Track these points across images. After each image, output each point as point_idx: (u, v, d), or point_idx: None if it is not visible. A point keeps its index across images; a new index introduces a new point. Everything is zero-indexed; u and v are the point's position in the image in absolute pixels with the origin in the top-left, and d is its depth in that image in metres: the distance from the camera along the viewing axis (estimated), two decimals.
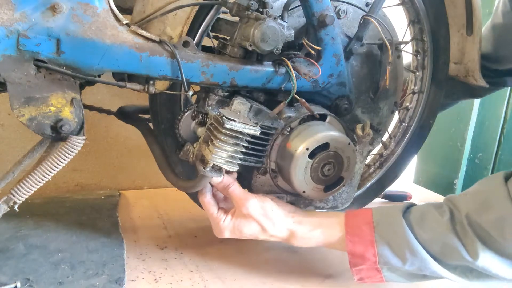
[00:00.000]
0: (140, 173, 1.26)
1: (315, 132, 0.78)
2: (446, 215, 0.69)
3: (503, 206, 0.64)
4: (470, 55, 0.98)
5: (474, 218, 0.66)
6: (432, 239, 0.69)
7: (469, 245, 0.66)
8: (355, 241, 0.73)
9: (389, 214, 0.74)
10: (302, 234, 0.77)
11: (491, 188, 0.68)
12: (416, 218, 0.71)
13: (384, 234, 0.71)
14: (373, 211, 0.75)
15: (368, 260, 0.72)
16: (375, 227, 0.72)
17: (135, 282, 0.77)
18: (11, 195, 0.68)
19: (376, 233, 0.72)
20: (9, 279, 0.72)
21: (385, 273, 0.73)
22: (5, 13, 0.59)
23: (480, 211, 0.66)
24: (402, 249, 0.70)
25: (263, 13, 0.69)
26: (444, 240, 0.68)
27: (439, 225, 0.69)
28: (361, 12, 0.85)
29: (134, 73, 0.68)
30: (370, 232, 0.72)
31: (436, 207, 0.72)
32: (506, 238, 0.63)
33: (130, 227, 0.99)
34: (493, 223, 0.64)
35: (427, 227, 0.70)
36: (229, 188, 0.77)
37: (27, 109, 0.65)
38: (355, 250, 0.73)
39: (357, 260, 0.73)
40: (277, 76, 0.75)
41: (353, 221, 0.75)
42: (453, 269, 0.70)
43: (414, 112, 1.02)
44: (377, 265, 0.72)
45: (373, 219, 0.73)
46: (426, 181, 1.71)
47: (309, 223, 0.78)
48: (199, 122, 0.77)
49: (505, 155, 1.55)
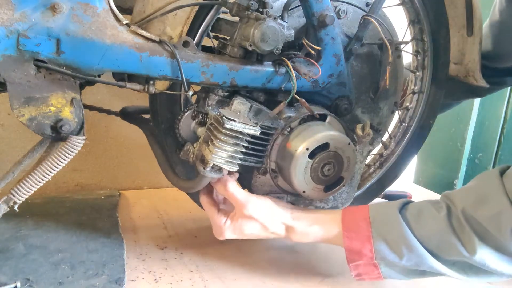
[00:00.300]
0: (140, 173, 1.26)
1: (315, 132, 0.78)
2: (443, 210, 0.69)
3: (499, 200, 0.64)
4: (470, 55, 0.98)
5: (470, 213, 0.66)
6: (429, 235, 0.69)
7: (466, 241, 0.66)
8: (352, 236, 0.73)
9: (385, 210, 0.74)
10: (300, 229, 0.77)
11: (486, 183, 0.68)
12: (413, 214, 0.72)
13: (381, 229, 0.72)
14: (370, 207, 0.75)
15: (365, 255, 0.72)
16: (372, 222, 0.72)
17: (135, 282, 0.77)
18: (11, 195, 0.68)
19: (372, 229, 0.72)
20: (9, 279, 0.72)
21: (383, 269, 0.73)
22: (5, 13, 0.59)
23: (476, 206, 0.66)
24: (398, 244, 0.70)
25: (263, 13, 0.69)
26: (441, 236, 0.68)
27: (436, 221, 0.69)
28: (361, 12, 0.85)
29: (134, 73, 0.68)
30: (367, 227, 0.72)
31: (433, 203, 0.72)
32: (502, 233, 0.63)
33: (130, 227, 0.99)
34: (489, 218, 0.64)
35: (424, 222, 0.70)
36: (228, 190, 0.77)
37: (27, 109, 0.64)
38: (352, 245, 0.73)
39: (354, 256, 0.73)
40: (277, 76, 0.75)
41: (350, 217, 0.75)
42: (451, 264, 0.70)
43: (414, 112, 1.02)
44: (374, 261, 0.72)
45: (369, 215, 0.73)
46: (426, 181, 1.71)
47: (307, 218, 0.78)
48: (199, 122, 0.77)
49: (505, 155, 1.55)
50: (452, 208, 0.69)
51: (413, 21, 0.95)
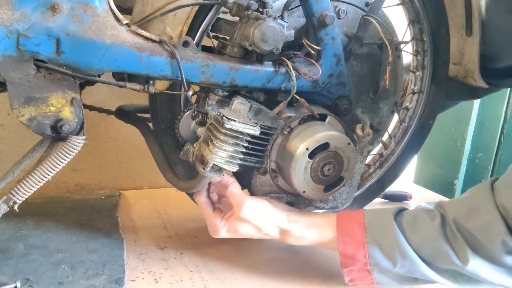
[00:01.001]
0: (140, 173, 1.26)
1: (315, 132, 0.78)
2: (437, 219, 0.69)
3: (488, 212, 0.65)
4: (470, 56, 0.98)
5: (462, 223, 0.67)
6: (423, 243, 0.69)
7: (459, 250, 0.67)
8: (346, 241, 0.73)
9: (380, 216, 0.74)
10: (295, 233, 0.77)
11: (477, 194, 0.69)
12: (407, 221, 0.72)
13: (375, 235, 0.72)
14: (365, 212, 0.75)
15: (358, 261, 0.72)
16: (367, 228, 0.73)
17: (135, 282, 0.77)
18: (11, 195, 0.68)
19: (367, 234, 0.72)
20: (9, 279, 0.72)
21: (376, 275, 0.73)
22: (5, 13, 0.59)
23: (467, 217, 0.67)
24: (392, 251, 0.70)
25: (263, 13, 0.69)
26: (434, 244, 0.68)
27: (430, 229, 0.69)
28: (361, 12, 0.85)
29: (134, 73, 0.68)
30: (361, 233, 0.72)
31: (427, 211, 0.72)
32: (493, 244, 0.64)
33: (130, 227, 0.99)
34: (480, 229, 0.65)
35: (418, 230, 0.70)
36: (228, 188, 0.77)
37: (27, 109, 0.65)
38: (346, 250, 0.73)
39: (347, 261, 0.73)
40: (277, 76, 0.75)
41: (345, 221, 0.75)
42: (443, 272, 0.70)
43: (414, 112, 1.02)
44: (367, 267, 0.72)
45: (364, 221, 0.73)
46: (426, 181, 1.71)
47: (303, 222, 0.78)
48: (199, 122, 0.77)
49: (505, 155, 1.55)
50: (446, 218, 0.69)
51: (413, 21, 0.95)
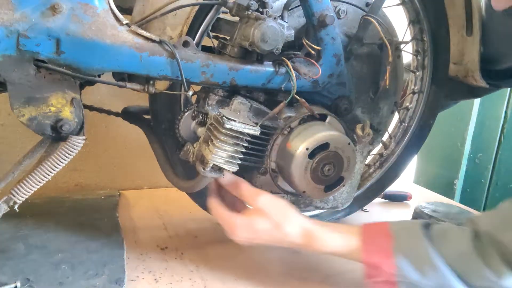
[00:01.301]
0: (140, 173, 1.26)
1: (315, 132, 0.78)
2: (469, 233, 0.67)
3: None
4: (470, 55, 0.98)
5: (496, 236, 0.64)
6: (454, 256, 0.66)
7: (493, 264, 0.63)
8: (371, 250, 0.70)
9: (408, 227, 0.71)
10: (320, 235, 0.73)
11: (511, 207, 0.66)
12: (437, 233, 0.69)
13: (403, 245, 0.68)
14: (391, 222, 0.73)
15: (384, 271, 0.68)
16: (393, 237, 0.69)
17: (135, 282, 0.77)
18: (11, 195, 0.68)
19: (394, 244, 0.69)
20: (9, 279, 0.72)
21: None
22: (5, 13, 0.59)
23: (503, 230, 0.64)
24: (421, 262, 0.66)
25: (263, 13, 0.69)
26: (466, 258, 0.65)
27: (461, 242, 0.66)
28: (361, 12, 0.85)
29: (134, 73, 0.68)
30: (387, 242, 0.69)
31: (457, 225, 0.70)
32: None
33: (130, 227, 0.99)
34: None
35: (448, 243, 0.67)
36: (239, 187, 0.75)
37: (27, 109, 0.64)
38: (371, 259, 0.69)
39: (373, 271, 0.70)
40: (277, 76, 0.75)
41: (371, 231, 0.72)
42: None
43: (414, 112, 1.02)
44: (393, 278, 0.68)
45: (391, 230, 0.71)
46: (426, 181, 1.71)
47: (327, 226, 0.75)
48: (199, 122, 0.77)
49: (505, 155, 1.55)
50: (478, 231, 0.66)
51: (413, 21, 0.95)
